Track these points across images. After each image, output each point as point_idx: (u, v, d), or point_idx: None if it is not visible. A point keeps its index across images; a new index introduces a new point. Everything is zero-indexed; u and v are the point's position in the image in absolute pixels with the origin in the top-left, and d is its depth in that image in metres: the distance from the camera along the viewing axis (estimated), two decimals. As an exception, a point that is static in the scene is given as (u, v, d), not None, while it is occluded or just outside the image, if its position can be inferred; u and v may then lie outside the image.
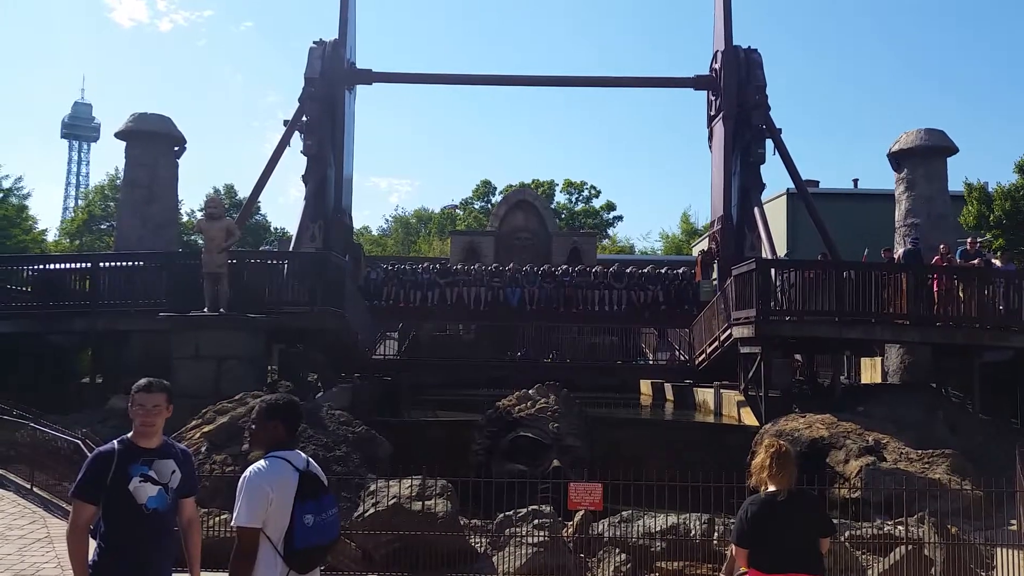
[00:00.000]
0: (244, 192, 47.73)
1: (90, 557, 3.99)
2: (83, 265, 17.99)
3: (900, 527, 8.52)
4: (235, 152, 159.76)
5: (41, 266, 18.83)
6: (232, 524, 3.78)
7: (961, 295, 15.73)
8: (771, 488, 4.94)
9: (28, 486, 10.40)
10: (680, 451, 13.24)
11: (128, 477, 4.03)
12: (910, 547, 8.14)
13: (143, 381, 4.20)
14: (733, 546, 5.16)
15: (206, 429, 10.56)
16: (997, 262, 17.29)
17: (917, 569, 8.06)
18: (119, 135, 20.59)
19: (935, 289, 15.90)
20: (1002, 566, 8.37)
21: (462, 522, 8.92)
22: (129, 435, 4.12)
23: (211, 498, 8.68)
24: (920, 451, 11.53)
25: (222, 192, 52.14)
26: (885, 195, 24.59)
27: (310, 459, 4.05)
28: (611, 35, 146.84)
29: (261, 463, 3.85)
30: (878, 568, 8.23)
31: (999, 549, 8.64)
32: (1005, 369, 16.32)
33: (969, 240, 18.96)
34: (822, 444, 12.16)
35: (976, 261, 17.18)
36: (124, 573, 3.96)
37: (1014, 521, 8.98)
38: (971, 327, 15.40)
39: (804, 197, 24.15)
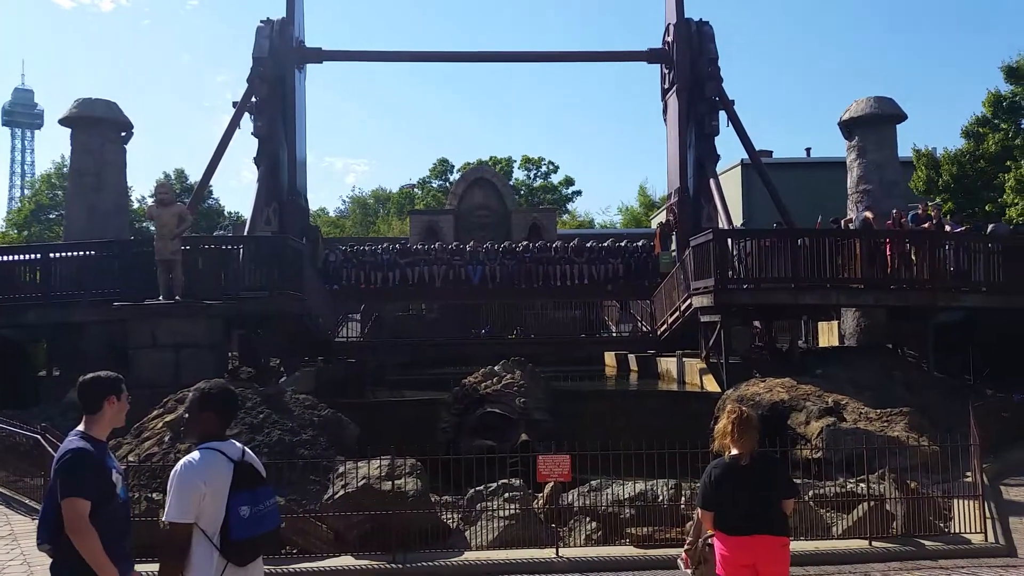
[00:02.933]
0: (195, 177, 46.68)
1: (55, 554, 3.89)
2: (32, 256, 17.47)
3: (862, 484, 8.73)
4: (185, 136, 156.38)
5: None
6: (163, 519, 3.73)
7: (914, 258, 16.09)
8: (734, 452, 5.02)
9: (-13, 484, 10.17)
10: (646, 420, 13.38)
11: (109, 470, 4.03)
12: (872, 503, 8.37)
13: (119, 376, 4.15)
14: (699, 509, 5.25)
15: (168, 419, 10.39)
16: (947, 226, 17.70)
17: (879, 524, 8.29)
18: (63, 122, 20.02)
19: (888, 253, 16.24)
20: (959, 516, 8.66)
21: (433, 499, 8.94)
22: (84, 429, 4.03)
23: (177, 487, 8.55)
24: (878, 410, 11.81)
25: (173, 177, 51.11)
26: (837, 163, 24.96)
27: (246, 449, 4.00)
28: (566, 9, 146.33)
29: (193, 455, 3.79)
30: (842, 525, 8.44)
31: (956, 500, 8.93)
32: (957, 329, 16.79)
33: (921, 205, 19.37)
34: (783, 407, 12.40)
35: (927, 225, 17.57)
36: (117, 564, 3.88)
37: (969, 473, 9.25)
38: (923, 289, 15.78)
39: (758, 167, 24.44)
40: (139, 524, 7.76)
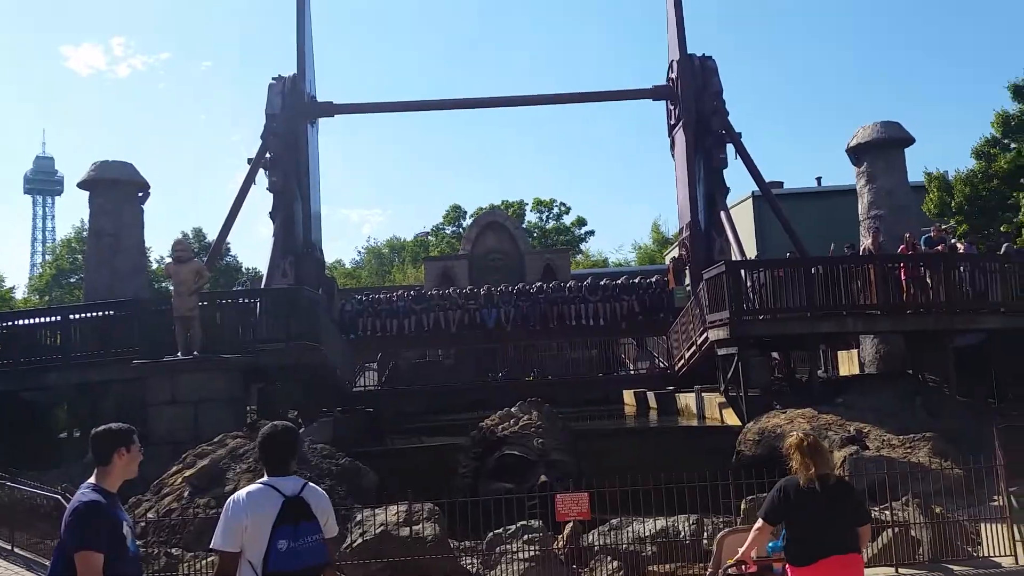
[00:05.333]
0: (213, 234, 47.41)
1: None
2: (53, 319, 17.75)
3: (886, 512, 8.60)
4: (202, 194, 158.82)
5: (9, 323, 18.52)
6: (211, 545, 3.95)
7: (929, 281, 16.00)
8: (808, 477, 5.07)
9: (8, 547, 10.18)
10: (665, 456, 13.24)
11: (120, 523, 4.10)
12: (897, 529, 8.23)
13: (131, 428, 4.24)
14: (759, 521, 5.27)
15: (187, 473, 10.43)
16: (961, 246, 17.60)
17: (905, 550, 8.14)
18: (81, 185, 20.44)
19: (903, 278, 16.17)
20: (987, 540, 8.49)
21: (452, 544, 8.88)
22: (96, 481, 4.09)
23: (196, 540, 8.57)
24: (901, 437, 11.66)
25: (191, 235, 51.81)
26: (849, 190, 24.95)
27: (310, 484, 4.13)
28: (570, 53, 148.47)
29: (245, 490, 4.01)
30: (868, 553, 8.28)
31: (983, 524, 8.77)
32: (977, 352, 16.59)
33: (933, 227, 19.28)
34: (805, 438, 12.23)
35: (940, 247, 17.48)
36: None
37: (996, 497, 9.08)
38: (941, 312, 15.65)
39: (768, 198, 24.48)
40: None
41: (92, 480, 4.11)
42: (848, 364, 19.80)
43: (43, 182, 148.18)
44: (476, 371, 24.79)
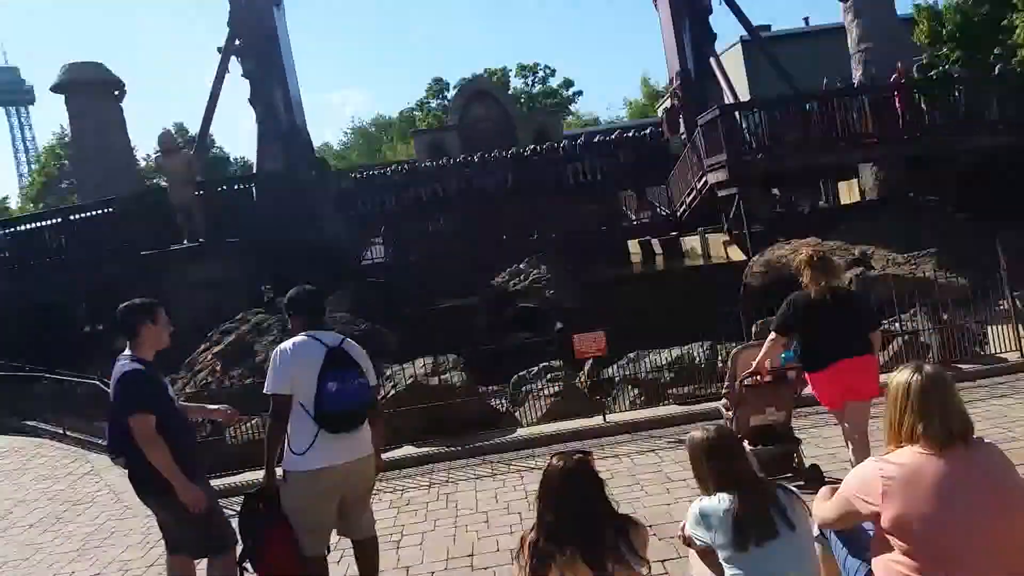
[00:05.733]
0: (195, 129, 46.56)
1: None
2: (55, 221, 17.73)
3: (896, 324, 8.91)
4: (178, 89, 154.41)
5: (13, 228, 18.52)
6: (264, 390, 4.22)
7: (924, 107, 15.91)
8: (819, 288, 5.30)
9: (61, 431, 10.69)
10: (675, 296, 13.54)
11: (165, 386, 4.41)
12: (907, 337, 8.55)
13: (154, 301, 4.46)
14: (772, 334, 5.52)
15: (216, 350, 10.74)
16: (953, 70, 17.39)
17: (915, 355, 8.48)
18: (55, 89, 19.99)
19: (898, 106, 16.05)
20: (994, 340, 8.85)
21: (480, 389, 9.25)
22: (135, 353, 4.29)
23: (237, 408, 8.91)
24: (905, 255, 11.90)
25: (173, 131, 50.83)
26: (837, 28, 24.29)
27: (347, 339, 4.42)
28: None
29: (290, 341, 4.29)
30: (880, 360, 8.64)
31: (990, 327, 9.11)
32: (977, 169, 16.65)
33: (925, 55, 19.00)
34: (811, 264, 12.47)
35: (933, 73, 17.30)
36: (188, 471, 4.22)
37: (1002, 301, 9.39)
38: (938, 135, 15.62)
39: (756, 40, 23.90)
40: (208, 445, 8.22)
41: (127, 352, 4.31)
42: (849, 193, 19.92)
43: (12, 92, 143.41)
44: (479, 238, 24.86)
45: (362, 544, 4.56)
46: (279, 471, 4.27)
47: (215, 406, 4.96)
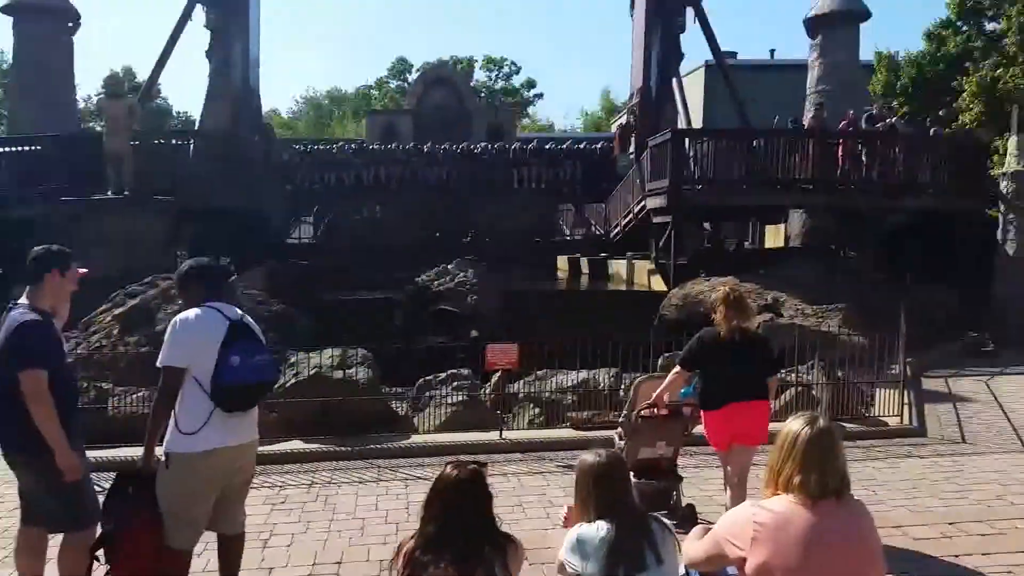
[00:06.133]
0: (144, 74, 45.10)
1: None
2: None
3: (793, 374, 9.19)
4: (133, 29, 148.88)
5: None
6: (158, 363, 3.96)
7: (865, 160, 16.38)
8: (728, 329, 5.43)
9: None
10: (593, 318, 13.69)
11: (61, 342, 4.21)
12: (799, 388, 8.84)
13: (69, 253, 4.25)
14: (676, 367, 5.66)
15: (116, 312, 10.44)
16: (898, 124, 17.91)
17: (805, 408, 8.75)
18: (5, 9, 19.06)
19: (840, 155, 16.48)
20: (880, 403, 9.22)
21: (384, 389, 9.22)
22: (32, 302, 4.07)
23: (126, 376, 8.70)
24: (815, 307, 12.28)
25: (121, 74, 49.17)
26: (801, 65, 24.87)
27: (245, 315, 4.22)
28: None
29: (191, 311, 4.04)
30: (772, 407, 8.89)
31: (879, 389, 9.48)
32: (901, 230, 17.29)
33: (875, 105, 19.54)
34: (725, 304, 12.76)
35: (880, 125, 17.77)
36: (73, 432, 4.04)
37: (895, 366, 9.77)
38: (872, 191, 16.11)
39: (721, 67, 24.25)
40: (88, 412, 7.99)
41: (24, 300, 4.08)
42: (775, 237, 20.43)
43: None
44: (414, 229, 24.73)
45: (230, 540, 4.35)
46: (159, 452, 4.00)
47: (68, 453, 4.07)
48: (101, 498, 4.15)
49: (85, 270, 4.33)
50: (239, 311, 4.17)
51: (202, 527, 4.15)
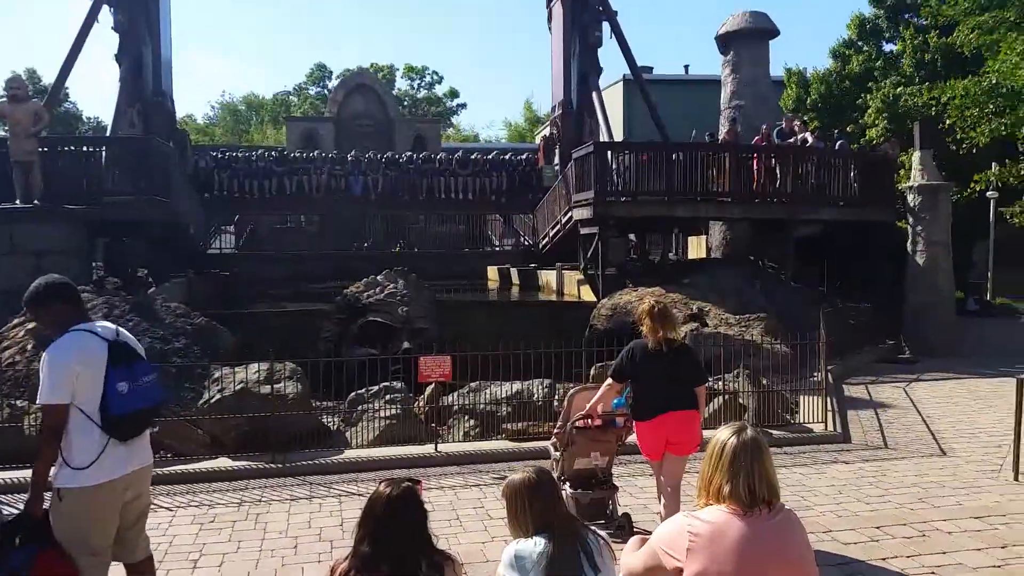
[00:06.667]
0: (49, 77, 43.16)
1: None
2: None
3: (719, 382, 9.41)
4: (36, 31, 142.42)
5: None
6: (37, 402, 3.73)
7: (778, 172, 16.96)
8: (655, 340, 5.54)
9: None
10: (525, 328, 13.72)
11: None
12: (727, 396, 9.05)
13: None
14: (608, 380, 5.74)
15: (30, 326, 9.90)
16: (811, 139, 18.60)
17: (733, 415, 9.00)
18: None
19: (755, 168, 17.03)
20: (804, 410, 9.52)
21: (314, 403, 9.01)
22: None
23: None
24: (738, 316, 12.62)
25: (24, 76, 46.92)
26: (715, 80, 25.61)
27: (120, 329, 3.98)
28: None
29: (62, 339, 3.74)
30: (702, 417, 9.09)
31: (803, 396, 9.80)
32: (816, 241, 17.96)
33: (786, 119, 20.25)
34: (653, 314, 13.00)
35: (792, 140, 18.44)
36: None
37: (816, 373, 10.11)
38: (786, 202, 16.69)
39: (638, 81, 24.76)
40: (3, 431, 7.56)
41: None
42: (697, 248, 20.93)
43: None
44: (340, 240, 24.42)
45: (139, 566, 4.13)
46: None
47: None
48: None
49: None
50: (112, 326, 3.95)
51: (109, 557, 3.93)
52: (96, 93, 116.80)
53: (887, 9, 27.94)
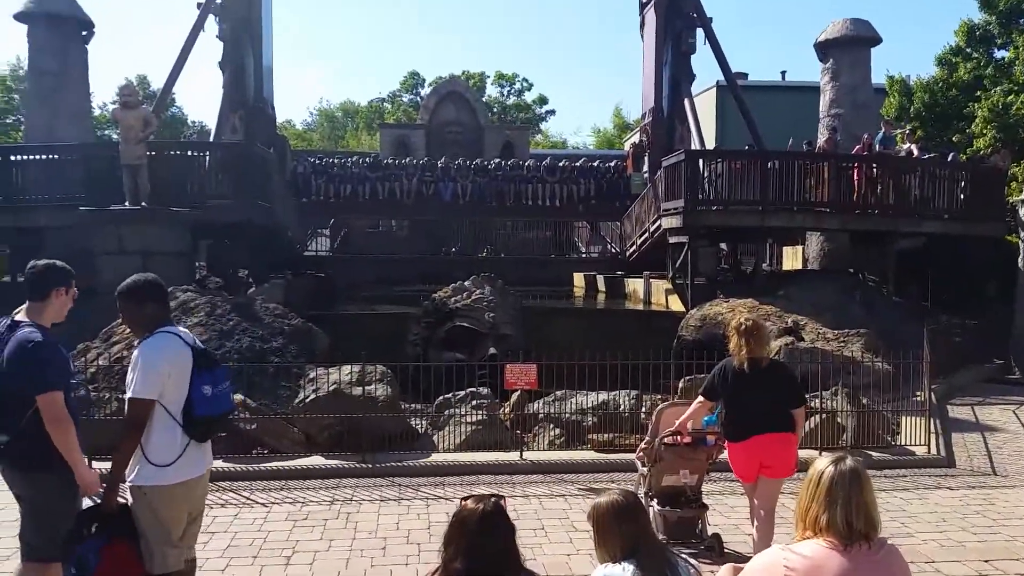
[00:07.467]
0: (158, 83, 45.29)
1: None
2: (-9, 159, 16.99)
3: (816, 400, 9.08)
4: (148, 40, 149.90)
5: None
6: (127, 395, 3.82)
7: (880, 183, 16.32)
8: (748, 359, 5.37)
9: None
10: (611, 336, 13.62)
11: (68, 360, 4.11)
12: (824, 416, 8.73)
13: (71, 270, 4.16)
14: (699, 397, 5.62)
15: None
16: (915, 149, 17.88)
17: (830, 435, 8.67)
18: (19, 17, 19.13)
19: (855, 178, 16.44)
20: (906, 431, 9.09)
21: (403, 406, 9.14)
22: (30, 318, 3.95)
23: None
24: (836, 331, 12.17)
25: (135, 83, 49.47)
26: (812, 87, 24.88)
27: (196, 337, 4.14)
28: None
29: (154, 339, 3.87)
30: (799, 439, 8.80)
31: (904, 417, 9.36)
32: (919, 254, 17.20)
33: (885, 125, 19.51)
34: (745, 326, 12.69)
35: (898, 150, 17.73)
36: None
37: (919, 392, 9.66)
38: (888, 213, 16.05)
39: (732, 89, 24.28)
40: (110, 423, 7.92)
41: (23, 316, 3.96)
42: (792, 259, 20.34)
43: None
44: (429, 244, 24.80)
45: (185, 565, 4.20)
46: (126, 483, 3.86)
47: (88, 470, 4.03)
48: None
49: (76, 290, 4.19)
50: (191, 334, 4.09)
51: (183, 547, 4.06)
52: (201, 98, 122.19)
53: (999, 15, 26.61)
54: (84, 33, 19.67)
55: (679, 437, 5.93)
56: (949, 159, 18.40)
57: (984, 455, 8.92)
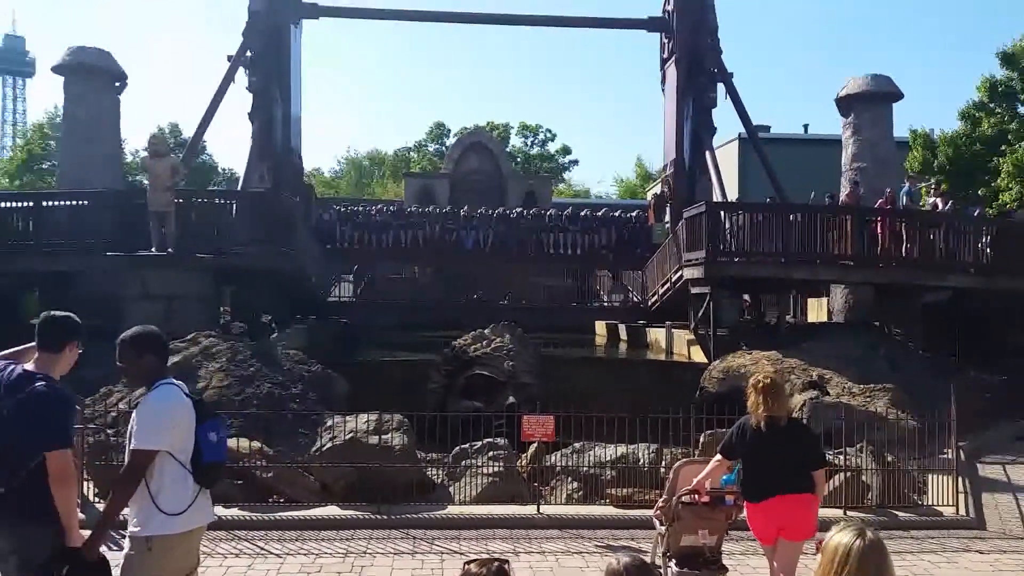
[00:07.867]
0: (189, 132, 46.32)
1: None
2: (25, 204, 17.37)
3: (840, 457, 8.89)
4: (179, 89, 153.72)
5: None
6: (131, 446, 3.79)
7: (904, 236, 16.22)
8: (766, 417, 5.24)
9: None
10: (632, 387, 13.51)
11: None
12: (849, 474, 8.54)
13: (80, 324, 4.16)
14: (717, 455, 5.50)
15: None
16: (940, 203, 17.79)
17: (855, 494, 8.47)
18: (56, 69, 19.80)
19: (879, 231, 16.35)
20: (933, 490, 8.86)
21: (419, 456, 9.07)
22: (43, 370, 3.91)
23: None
24: (862, 386, 11.96)
25: (167, 131, 50.61)
26: (834, 140, 24.95)
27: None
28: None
29: (160, 391, 3.91)
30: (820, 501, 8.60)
31: (931, 475, 9.13)
32: (945, 309, 16.97)
33: (909, 180, 19.46)
34: (768, 380, 12.52)
35: (928, 202, 17.65)
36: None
37: (946, 450, 9.43)
38: (912, 267, 15.90)
39: (754, 141, 24.42)
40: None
41: (34, 368, 3.90)
42: (817, 311, 20.15)
43: (13, 62, 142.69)
44: (450, 291, 24.89)
45: None
46: (125, 535, 3.83)
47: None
48: None
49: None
50: (183, 384, 4.14)
51: None
52: (231, 146, 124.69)
53: (1021, 71, 26.66)
54: (117, 84, 20.26)
55: (697, 496, 5.81)
56: (976, 214, 18.28)
57: (1017, 517, 8.62)
